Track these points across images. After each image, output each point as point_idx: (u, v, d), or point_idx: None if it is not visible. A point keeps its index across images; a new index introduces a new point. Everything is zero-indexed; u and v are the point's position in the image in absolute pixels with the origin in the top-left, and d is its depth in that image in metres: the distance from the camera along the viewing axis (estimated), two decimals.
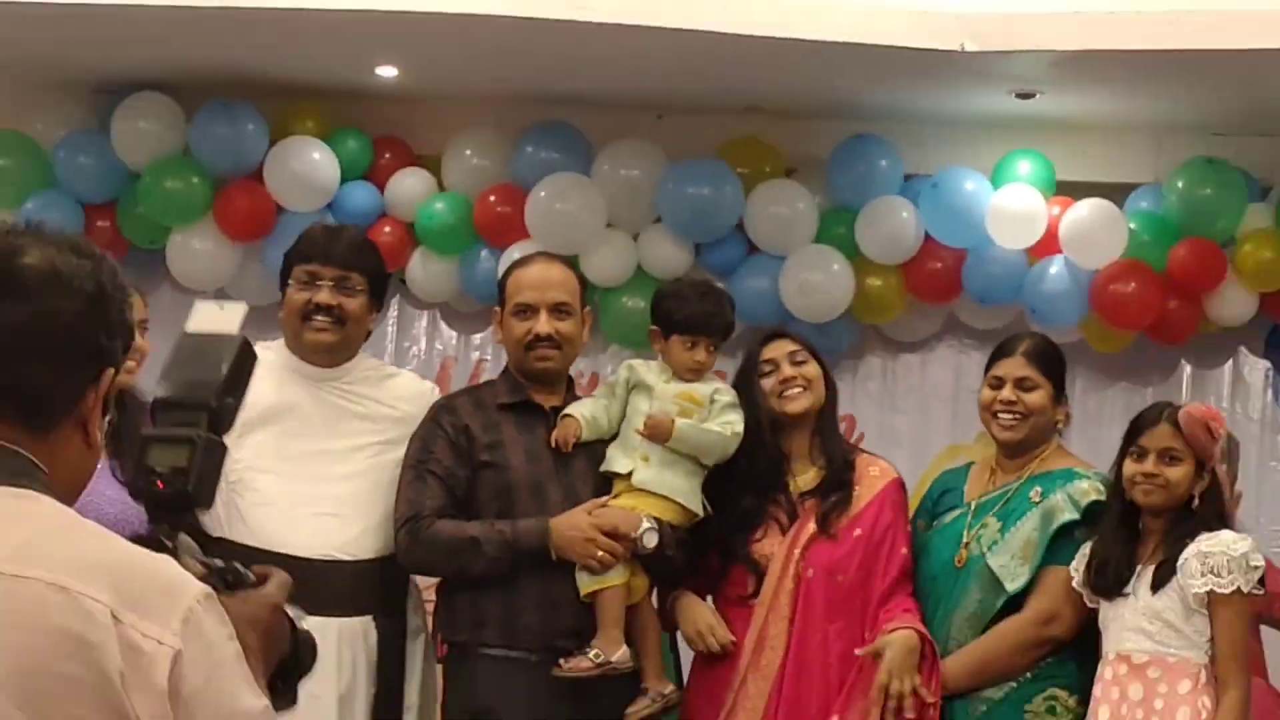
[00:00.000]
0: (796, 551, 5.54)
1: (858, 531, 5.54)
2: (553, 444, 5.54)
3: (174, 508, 2.86)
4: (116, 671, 2.43)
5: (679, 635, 5.77)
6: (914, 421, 6.92)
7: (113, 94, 7.94)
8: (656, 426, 5.49)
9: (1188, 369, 7.97)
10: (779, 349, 5.66)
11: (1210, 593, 5.24)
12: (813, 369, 5.65)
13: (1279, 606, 7.31)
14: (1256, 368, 7.95)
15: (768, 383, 5.61)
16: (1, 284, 2.59)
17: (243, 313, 3.06)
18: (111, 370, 2.66)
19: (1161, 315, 7.61)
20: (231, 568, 2.86)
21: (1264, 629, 6.67)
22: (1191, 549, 5.26)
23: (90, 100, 8.04)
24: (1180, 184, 7.57)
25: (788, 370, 5.61)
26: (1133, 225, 7.57)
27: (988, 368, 5.75)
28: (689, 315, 5.68)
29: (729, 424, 5.54)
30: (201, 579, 2.70)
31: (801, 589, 5.51)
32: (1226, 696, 5.24)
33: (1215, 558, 5.25)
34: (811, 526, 5.55)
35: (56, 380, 2.63)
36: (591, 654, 5.34)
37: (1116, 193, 7.68)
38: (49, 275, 2.61)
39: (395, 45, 7.46)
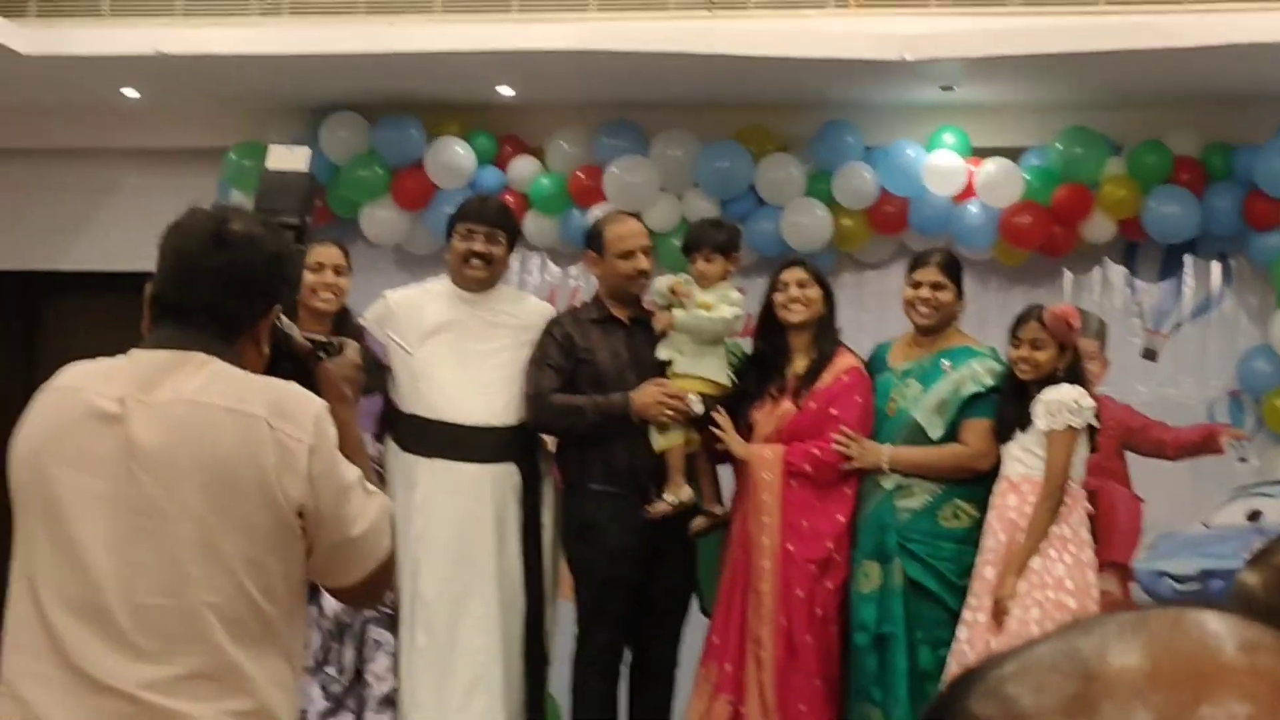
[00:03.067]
0: (776, 416, 5.68)
1: (814, 404, 5.64)
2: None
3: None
4: (272, 464, 2.66)
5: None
6: (876, 318, 7.07)
7: (319, 113, 8.05)
8: (666, 324, 5.67)
9: (1069, 275, 7.93)
10: (790, 274, 5.74)
11: (1049, 430, 5.37)
12: (813, 292, 5.70)
13: (1140, 438, 7.50)
14: (1117, 272, 7.91)
15: (779, 297, 5.71)
16: (215, 239, 2.76)
17: (308, 154, 3.24)
18: (279, 305, 2.87)
19: (1049, 238, 7.66)
20: (327, 341, 3.03)
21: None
22: (1039, 398, 5.40)
23: (305, 118, 8.10)
24: (1059, 146, 7.60)
25: (794, 291, 5.68)
26: (1026, 176, 7.61)
27: (909, 273, 5.79)
28: (687, 236, 5.91)
29: (719, 313, 5.65)
30: (310, 352, 2.94)
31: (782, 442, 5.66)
32: (1040, 503, 5.36)
33: (1050, 403, 5.37)
34: (787, 401, 5.69)
35: (243, 307, 2.80)
36: (666, 497, 5.56)
37: (1014, 154, 7.68)
38: (245, 237, 2.78)
39: (511, 72, 7.56)
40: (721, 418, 5.63)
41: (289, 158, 3.21)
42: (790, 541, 5.57)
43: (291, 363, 2.94)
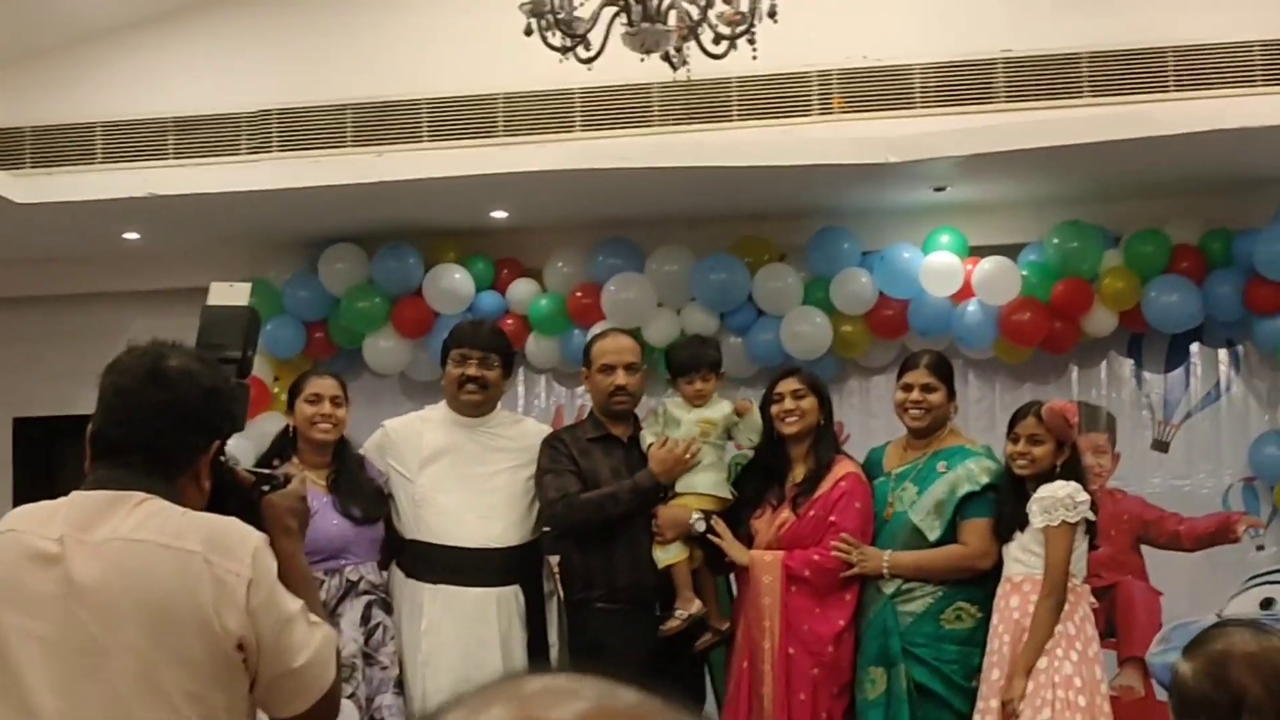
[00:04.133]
0: (775, 525, 5.65)
1: (813, 512, 5.61)
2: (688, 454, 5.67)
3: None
4: (209, 598, 2.66)
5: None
6: (884, 423, 7.05)
7: (317, 247, 8.11)
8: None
9: (1075, 370, 7.90)
10: (786, 385, 5.73)
11: (1045, 527, 5.34)
12: (808, 402, 5.69)
13: (1155, 530, 7.47)
14: (1124, 364, 7.87)
15: (775, 409, 5.70)
16: (152, 376, 2.78)
17: (249, 289, 3.26)
18: (218, 441, 2.87)
19: (1050, 334, 7.61)
20: (271, 474, 3.04)
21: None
22: (1034, 496, 5.37)
23: (304, 252, 8.18)
24: (1056, 240, 7.55)
25: (789, 404, 5.67)
26: (1024, 273, 7.59)
27: (899, 377, 5.80)
28: (680, 359, 5.85)
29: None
30: (253, 484, 2.94)
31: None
32: (1041, 601, 5.29)
33: (1045, 500, 5.33)
34: (786, 510, 5.67)
35: (181, 443, 2.81)
36: (678, 613, 5.56)
37: (1011, 251, 7.68)
38: (182, 373, 2.80)
39: (503, 196, 7.57)
40: (720, 525, 5.65)
41: (230, 293, 3.25)
42: (791, 645, 5.54)
43: (236, 496, 2.95)
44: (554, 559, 5.89)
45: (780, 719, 5.50)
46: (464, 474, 5.70)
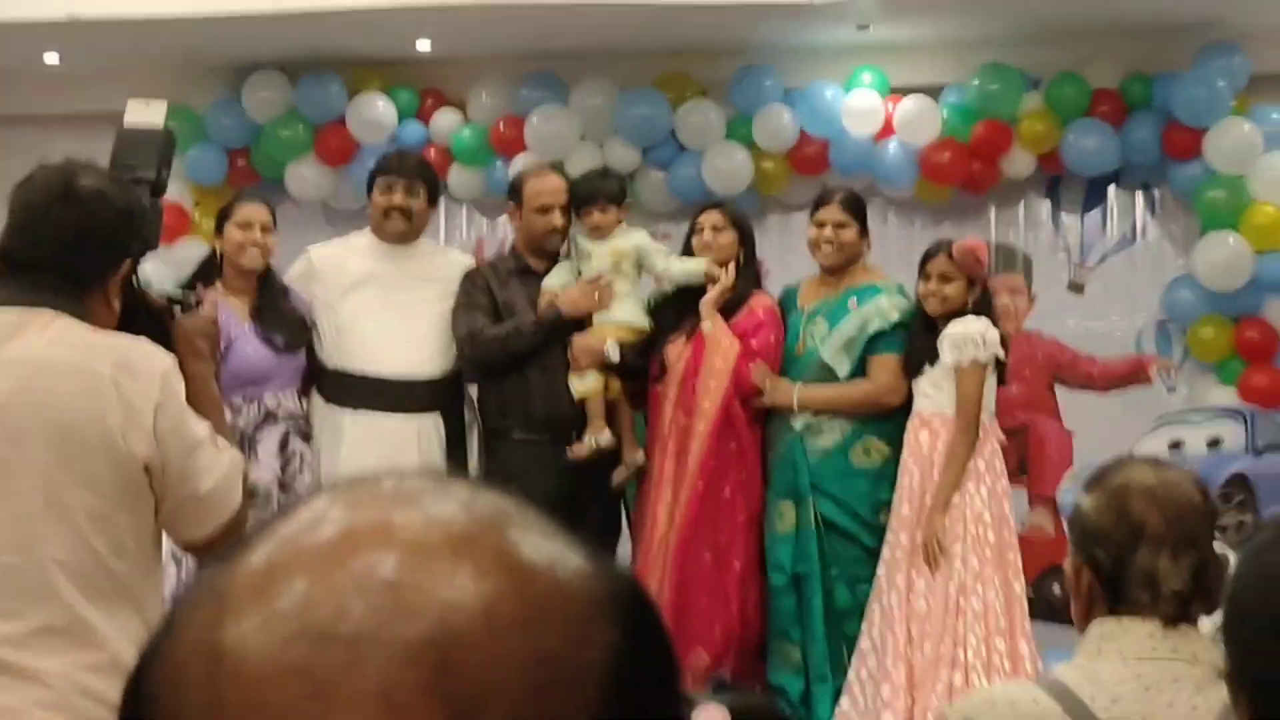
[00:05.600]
0: (688, 351, 5.68)
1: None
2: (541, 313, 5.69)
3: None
4: (117, 420, 2.67)
5: None
6: (803, 260, 7.06)
7: (242, 72, 8.03)
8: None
9: (993, 211, 7.92)
10: (706, 218, 5.80)
11: (956, 364, 5.38)
12: (726, 237, 5.73)
13: (1069, 371, 7.58)
14: (1041, 206, 7.91)
15: (696, 241, 5.74)
16: (63, 195, 2.78)
17: (164, 108, 3.23)
18: (129, 261, 2.87)
19: (969, 175, 7.65)
20: (183, 297, 3.06)
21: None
22: (945, 333, 5.39)
23: (227, 79, 8.09)
24: (976, 82, 7.55)
25: (708, 236, 5.73)
26: (945, 113, 7.58)
27: (812, 213, 5.80)
28: (579, 192, 5.83)
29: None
30: (164, 307, 2.95)
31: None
32: (955, 438, 5.36)
33: (956, 337, 5.37)
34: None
35: (92, 263, 2.81)
36: (587, 440, 5.60)
37: (932, 91, 7.65)
38: (94, 192, 2.79)
39: (429, 26, 7.50)
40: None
41: (145, 111, 3.22)
42: (733, 440, 5.63)
43: (147, 318, 2.95)
44: (473, 389, 5.93)
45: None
46: (388, 301, 5.74)
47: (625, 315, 5.76)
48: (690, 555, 5.56)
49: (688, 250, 5.81)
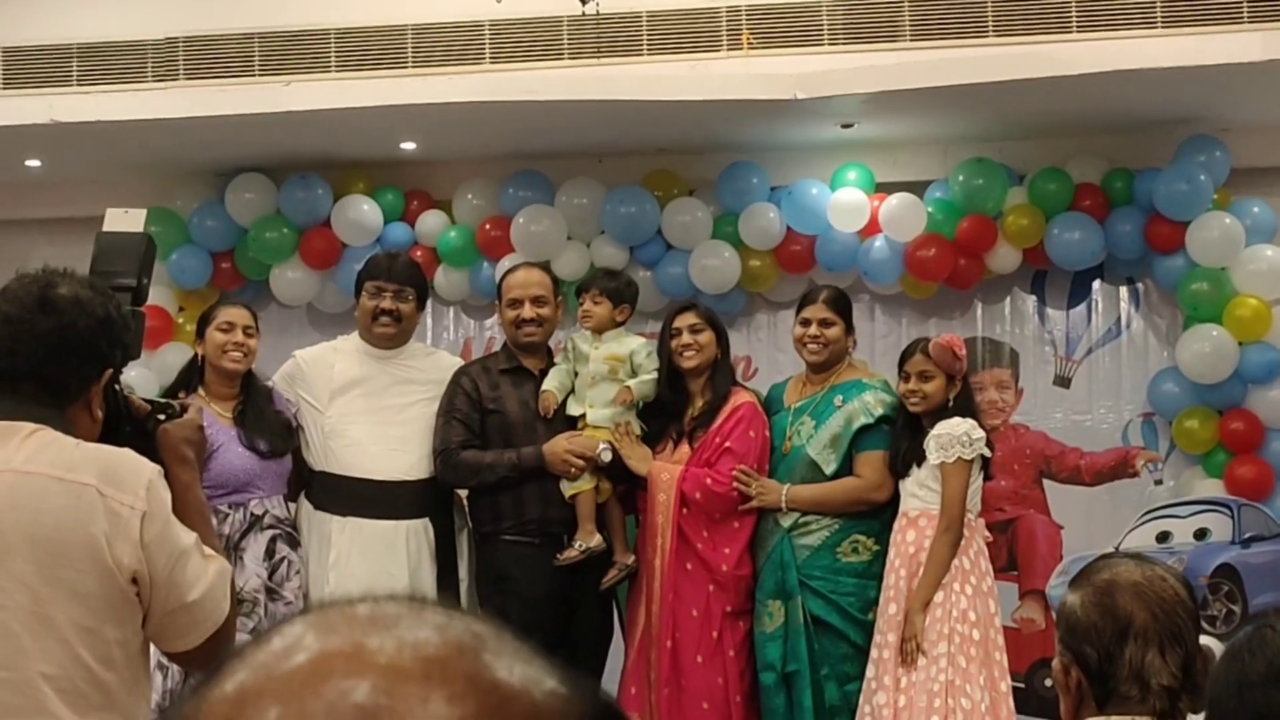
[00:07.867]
0: (673, 461, 5.70)
1: (716, 440, 5.67)
2: (542, 411, 5.68)
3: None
4: (103, 531, 2.64)
5: None
6: (791, 358, 7.04)
7: (225, 176, 8.04)
8: (626, 397, 5.67)
9: (979, 306, 7.94)
10: (683, 320, 5.77)
11: (941, 464, 5.40)
12: (705, 336, 5.72)
13: (1056, 465, 7.60)
14: (1027, 300, 7.92)
15: (674, 343, 5.73)
16: (42, 305, 2.74)
17: (144, 215, 3.22)
18: (110, 370, 2.84)
19: (955, 270, 7.65)
20: (167, 403, 3.01)
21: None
22: (931, 433, 5.41)
23: (211, 182, 8.11)
24: (961, 178, 7.58)
25: (685, 338, 5.71)
26: (930, 209, 7.61)
27: (798, 312, 5.82)
28: (584, 280, 5.93)
29: (651, 372, 5.74)
30: (148, 414, 2.91)
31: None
32: (938, 537, 5.36)
33: (942, 438, 5.38)
34: (685, 445, 5.72)
35: (71, 373, 2.78)
36: (577, 544, 5.58)
37: (917, 188, 7.69)
38: (72, 301, 2.76)
39: (412, 127, 7.54)
40: (623, 434, 5.69)
41: (124, 220, 3.23)
42: (688, 561, 5.61)
43: (131, 426, 2.93)
44: (463, 491, 5.91)
45: (665, 636, 5.57)
46: (375, 406, 5.72)
47: (615, 418, 5.74)
48: (678, 668, 5.58)
49: (664, 350, 5.80)
